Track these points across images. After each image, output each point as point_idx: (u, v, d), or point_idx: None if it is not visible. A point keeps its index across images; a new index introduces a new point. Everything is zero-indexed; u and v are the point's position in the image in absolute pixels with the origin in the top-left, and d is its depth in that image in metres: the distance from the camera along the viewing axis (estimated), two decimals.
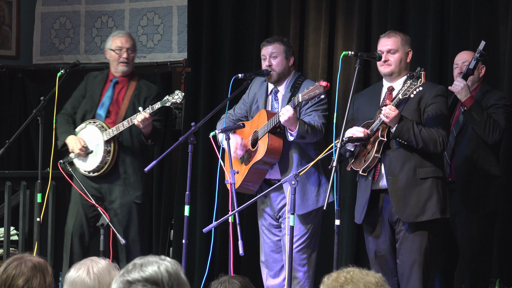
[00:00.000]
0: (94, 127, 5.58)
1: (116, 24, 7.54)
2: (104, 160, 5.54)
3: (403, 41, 4.76)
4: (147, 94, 5.66)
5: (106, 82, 5.71)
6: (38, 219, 5.22)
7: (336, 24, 6.32)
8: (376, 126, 4.63)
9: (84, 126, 5.62)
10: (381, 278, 2.43)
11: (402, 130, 4.53)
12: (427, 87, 4.65)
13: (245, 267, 6.42)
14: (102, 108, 5.64)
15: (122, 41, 5.66)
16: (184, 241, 4.83)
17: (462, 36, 5.73)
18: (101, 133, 5.55)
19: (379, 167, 4.68)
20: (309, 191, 5.01)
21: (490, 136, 5.07)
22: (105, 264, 2.87)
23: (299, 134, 4.83)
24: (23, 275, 2.94)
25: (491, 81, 5.44)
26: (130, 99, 5.63)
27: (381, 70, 4.79)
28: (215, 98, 6.78)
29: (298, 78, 5.12)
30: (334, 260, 4.41)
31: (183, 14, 7.18)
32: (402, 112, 4.59)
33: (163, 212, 7.19)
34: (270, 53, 5.10)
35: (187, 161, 4.88)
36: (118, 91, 5.68)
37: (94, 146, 5.58)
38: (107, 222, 4.69)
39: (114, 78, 5.70)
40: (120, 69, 5.66)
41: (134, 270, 2.26)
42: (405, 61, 4.75)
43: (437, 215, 4.61)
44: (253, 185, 5.14)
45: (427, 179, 4.62)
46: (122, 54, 5.65)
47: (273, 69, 5.08)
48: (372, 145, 4.64)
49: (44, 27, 7.87)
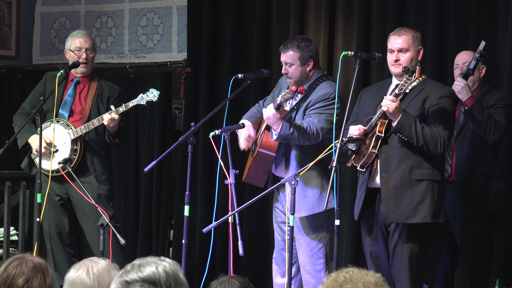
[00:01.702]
0: (59, 126, 5.56)
1: (115, 24, 7.55)
2: (71, 159, 5.50)
3: (414, 39, 4.66)
4: (110, 93, 5.67)
5: (67, 82, 5.69)
6: (38, 219, 5.22)
7: (335, 24, 6.32)
8: (375, 121, 4.56)
9: (48, 124, 5.59)
10: (380, 278, 2.44)
11: (403, 125, 4.44)
12: (435, 87, 4.60)
13: (245, 268, 6.42)
14: (65, 107, 5.63)
15: (81, 41, 5.65)
16: (184, 241, 4.83)
17: (462, 36, 5.73)
18: (67, 132, 5.56)
19: (376, 163, 4.62)
20: (310, 194, 4.98)
21: (491, 135, 5.08)
22: (104, 264, 2.88)
23: (280, 136, 4.81)
24: (24, 275, 2.95)
25: (491, 81, 5.45)
26: (93, 99, 5.63)
27: (392, 70, 4.69)
28: (215, 98, 6.79)
29: (318, 79, 5.04)
30: (334, 260, 4.42)
31: (183, 14, 7.18)
32: (406, 109, 4.53)
33: (162, 212, 7.20)
34: (285, 61, 5.05)
35: (187, 161, 4.88)
36: (79, 91, 5.68)
37: (60, 144, 5.57)
38: (106, 222, 4.69)
39: (75, 78, 5.69)
40: (79, 70, 5.65)
41: (132, 270, 2.27)
42: (416, 60, 4.64)
43: (428, 219, 4.52)
44: (259, 178, 5.12)
45: (423, 181, 4.54)
46: (81, 55, 5.63)
47: (290, 76, 5.04)
48: (370, 140, 4.58)
49: (43, 27, 7.88)
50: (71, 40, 5.69)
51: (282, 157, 5.05)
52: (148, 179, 7.23)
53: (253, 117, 5.23)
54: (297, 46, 5.01)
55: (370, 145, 4.55)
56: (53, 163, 5.53)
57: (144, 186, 7.28)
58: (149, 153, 7.20)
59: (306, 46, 5.02)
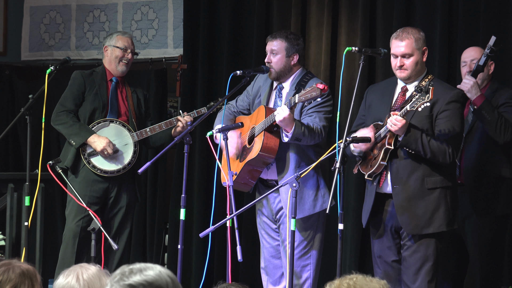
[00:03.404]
0: (118, 126, 5.67)
1: (108, 19, 7.54)
2: (131, 161, 5.65)
3: (417, 41, 4.67)
4: (141, 95, 5.87)
5: (106, 82, 5.78)
6: (26, 224, 5.21)
7: (339, 19, 6.32)
8: (384, 132, 4.60)
9: (106, 124, 5.67)
10: (385, 285, 2.43)
11: (409, 140, 4.50)
12: (442, 91, 4.60)
13: (244, 274, 6.41)
14: (113, 108, 5.73)
15: (128, 41, 5.83)
16: (180, 247, 4.82)
17: (472, 31, 5.73)
18: (129, 133, 5.65)
19: (385, 173, 4.67)
20: (306, 195, 4.99)
21: (501, 135, 5.07)
22: (95, 270, 2.88)
23: (294, 136, 4.81)
24: (11, 282, 2.94)
25: (501, 79, 5.43)
26: (132, 99, 5.79)
27: (397, 75, 4.72)
28: (212, 96, 6.77)
29: (305, 76, 5.09)
30: (338, 266, 4.41)
31: (179, 8, 7.17)
32: (413, 118, 4.56)
33: (157, 216, 7.19)
34: (270, 50, 5.10)
35: (183, 162, 4.88)
36: (120, 90, 5.80)
37: (121, 145, 5.66)
38: (98, 226, 4.68)
39: (114, 77, 5.79)
40: (120, 69, 5.77)
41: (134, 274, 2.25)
42: (421, 62, 4.68)
43: (443, 227, 4.61)
44: (247, 183, 5.12)
45: (435, 190, 4.61)
46: (127, 54, 5.77)
47: (272, 66, 5.08)
48: (379, 151, 4.63)
49: (33, 21, 7.86)
50: (116, 38, 5.81)
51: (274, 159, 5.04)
52: (142, 181, 7.21)
53: (230, 120, 5.28)
54: (286, 37, 5.10)
55: (379, 156, 4.61)
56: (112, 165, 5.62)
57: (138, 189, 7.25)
58: (143, 154, 7.17)
59: (294, 39, 5.11)
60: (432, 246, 4.62)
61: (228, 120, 5.26)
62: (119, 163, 5.64)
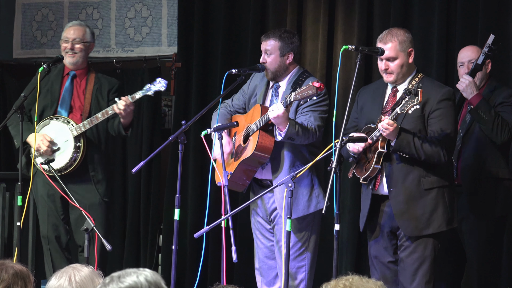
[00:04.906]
0: (59, 123, 5.59)
1: (101, 16, 7.54)
2: (73, 157, 5.54)
3: (402, 43, 4.69)
4: (109, 87, 5.74)
5: (63, 76, 5.73)
6: (18, 224, 5.21)
7: (335, 17, 6.32)
8: (376, 136, 4.62)
9: (47, 122, 5.60)
10: (382, 286, 2.45)
11: (401, 144, 4.53)
12: (432, 89, 4.63)
13: (238, 275, 6.42)
14: (64, 103, 5.65)
15: (70, 31, 5.74)
16: (174, 247, 4.83)
17: (470, 30, 5.74)
18: (69, 128, 5.56)
19: (380, 176, 4.70)
20: (300, 195, 5.00)
21: (498, 136, 5.08)
22: (87, 272, 2.88)
23: (287, 134, 4.82)
24: (3, 282, 2.95)
25: (499, 78, 5.44)
26: (92, 93, 5.68)
27: (384, 79, 4.77)
28: (207, 95, 6.78)
29: (302, 75, 5.10)
30: (334, 267, 4.42)
31: (173, 5, 7.18)
32: (405, 119, 4.59)
33: (151, 216, 7.18)
34: (265, 50, 5.11)
35: (177, 161, 4.88)
36: (77, 85, 5.72)
37: (62, 142, 5.57)
38: (91, 226, 4.68)
39: (71, 71, 5.74)
40: (68, 60, 5.70)
41: (112, 282, 2.27)
42: (407, 64, 4.71)
43: (443, 227, 4.65)
44: (242, 183, 5.13)
45: (432, 190, 4.63)
46: (70, 45, 5.70)
47: (267, 66, 5.09)
48: (372, 155, 4.65)
49: (25, 19, 7.85)
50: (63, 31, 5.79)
51: (269, 158, 5.05)
52: (136, 180, 7.21)
53: (227, 119, 5.27)
54: (279, 36, 5.09)
55: (372, 160, 4.63)
56: (55, 163, 5.51)
57: (131, 188, 7.26)
58: (137, 153, 7.18)
59: (288, 38, 5.10)
60: (430, 246, 4.64)
61: (224, 119, 5.26)
62: (60, 162, 5.53)
